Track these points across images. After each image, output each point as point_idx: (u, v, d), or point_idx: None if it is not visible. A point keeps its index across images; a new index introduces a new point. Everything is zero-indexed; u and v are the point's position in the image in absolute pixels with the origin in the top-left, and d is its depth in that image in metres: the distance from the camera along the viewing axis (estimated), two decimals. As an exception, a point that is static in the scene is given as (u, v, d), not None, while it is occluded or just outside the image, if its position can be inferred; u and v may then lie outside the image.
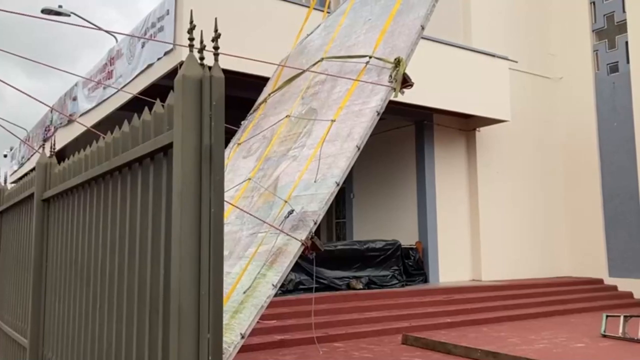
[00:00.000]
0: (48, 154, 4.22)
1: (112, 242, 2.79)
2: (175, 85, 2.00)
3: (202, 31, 2.04)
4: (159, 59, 9.33)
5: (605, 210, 14.77)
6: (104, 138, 3.01)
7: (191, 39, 2.03)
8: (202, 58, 2.00)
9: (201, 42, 2.02)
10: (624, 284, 13.99)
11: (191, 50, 2.01)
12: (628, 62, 14.47)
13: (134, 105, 9.20)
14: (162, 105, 2.27)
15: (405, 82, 5.21)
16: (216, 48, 1.99)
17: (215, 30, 2.01)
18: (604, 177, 14.86)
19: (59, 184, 3.81)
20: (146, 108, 2.47)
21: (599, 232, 14.82)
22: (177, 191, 1.93)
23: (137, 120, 2.52)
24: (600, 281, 14.44)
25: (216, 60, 1.99)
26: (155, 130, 2.31)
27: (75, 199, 3.48)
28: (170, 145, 2.09)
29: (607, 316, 9.29)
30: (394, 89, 5.12)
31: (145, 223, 2.38)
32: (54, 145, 4.43)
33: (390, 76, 5.21)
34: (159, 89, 8.41)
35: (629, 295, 13.69)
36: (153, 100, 2.48)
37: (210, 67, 1.98)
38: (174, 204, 1.96)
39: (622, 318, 8.98)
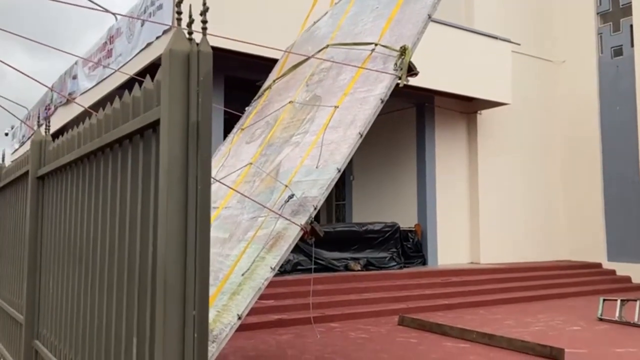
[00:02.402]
0: (42, 131, 4.20)
1: (103, 219, 2.79)
2: (162, 59, 1.97)
3: (190, 5, 2.01)
4: (157, 37, 9.25)
5: (605, 195, 14.75)
6: (96, 115, 2.99)
7: (179, 13, 1.99)
8: (190, 33, 1.97)
9: (190, 16, 1.98)
10: (622, 268, 14.03)
11: (179, 24, 1.98)
12: (632, 45, 14.34)
13: (134, 84, 9.16)
14: (153, 82, 2.25)
15: (411, 71, 5.19)
16: (204, 22, 1.95)
17: (204, 4, 1.98)
18: (605, 161, 14.81)
19: (53, 161, 3.79)
20: (136, 84, 2.45)
21: (598, 216, 14.82)
22: (164, 168, 1.91)
23: (128, 97, 2.49)
24: (599, 265, 14.48)
25: (204, 34, 1.95)
26: (145, 106, 2.29)
27: (69, 176, 3.47)
28: (158, 122, 2.06)
29: (604, 300, 9.33)
30: (399, 77, 5.11)
31: (135, 200, 2.37)
32: (49, 123, 4.40)
33: (396, 64, 5.19)
34: (159, 68, 8.37)
35: (627, 279, 13.74)
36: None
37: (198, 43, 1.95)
38: (160, 181, 1.94)
39: (619, 302, 9.01)
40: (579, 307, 10.37)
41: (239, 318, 4.01)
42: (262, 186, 5.43)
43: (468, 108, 13.98)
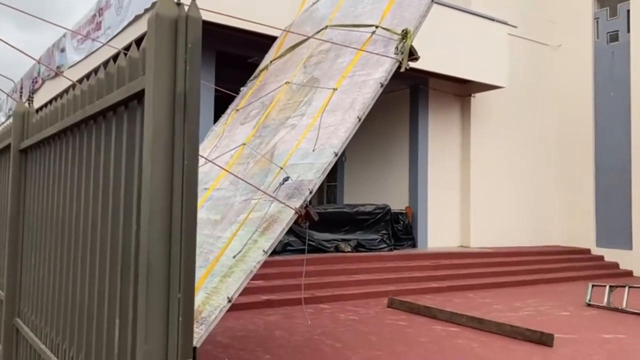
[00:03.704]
0: (25, 102, 4.05)
1: (86, 195, 2.67)
2: (148, 25, 1.84)
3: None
4: (146, 10, 9.03)
5: (597, 181, 14.75)
6: (80, 86, 2.85)
7: (166, -25, 1.85)
8: (179, -3, 1.84)
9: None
10: (610, 255, 14.10)
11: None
12: (629, 31, 14.23)
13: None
14: (139, 50, 2.12)
15: (412, 55, 5.10)
16: (193, -15, 1.82)
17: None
18: (598, 148, 14.79)
19: (36, 134, 3.65)
20: (122, 53, 2.31)
21: (589, 202, 14.84)
22: (148, 141, 1.79)
23: (113, 67, 2.36)
24: (588, 251, 14.54)
25: (193, -2, 1.82)
26: (130, 76, 2.16)
27: (52, 149, 3.33)
28: (143, 92, 1.94)
29: (592, 285, 9.34)
30: (400, 62, 5.02)
31: (118, 175, 2.25)
32: (32, 95, 4.25)
33: (397, 48, 5.09)
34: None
35: (615, 265, 13.81)
36: None
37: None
38: (144, 155, 1.82)
39: (607, 288, 9.03)
40: (568, 292, 10.40)
41: (229, 301, 3.94)
42: (256, 168, 5.33)
43: (462, 91, 13.86)
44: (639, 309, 8.40)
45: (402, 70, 4.94)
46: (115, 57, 2.49)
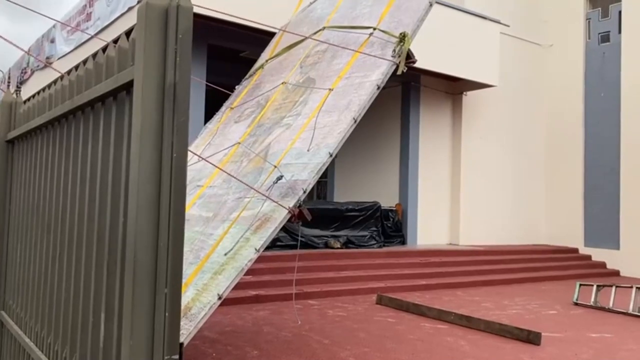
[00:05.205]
0: (13, 92, 3.99)
1: (73, 187, 2.63)
2: (137, 15, 1.80)
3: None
4: (139, 1, 8.94)
5: (586, 181, 14.84)
6: (68, 76, 2.81)
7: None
8: (170, -14, 1.80)
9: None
10: (598, 254, 14.20)
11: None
12: (620, 32, 14.30)
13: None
14: (129, 40, 2.08)
15: (409, 58, 5.11)
16: (185, -26, 1.78)
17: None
18: (587, 147, 14.87)
19: (24, 124, 3.60)
20: (111, 43, 2.28)
21: (577, 202, 14.93)
22: (136, 132, 1.76)
23: (102, 57, 2.32)
24: (575, 250, 14.63)
25: (184, -12, 1.78)
26: (119, 66, 2.13)
27: (39, 140, 3.28)
28: (132, 83, 1.90)
29: (580, 285, 9.40)
30: (397, 64, 5.03)
31: (106, 168, 2.22)
32: (20, 85, 4.19)
33: (394, 51, 5.10)
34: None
35: (602, 265, 13.91)
36: None
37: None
38: (132, 148, 1.79)
39: (594, 287, 9.09)
40: (555, 291, 10.45)
41: (219, 298, 3.92)
42: (250, 166, 5.31)
43: (454, 89, 13.88)
44: (626, 309, 8.46)
45: (399, 73, 4.95)
46: (104, 48, 2.46)
